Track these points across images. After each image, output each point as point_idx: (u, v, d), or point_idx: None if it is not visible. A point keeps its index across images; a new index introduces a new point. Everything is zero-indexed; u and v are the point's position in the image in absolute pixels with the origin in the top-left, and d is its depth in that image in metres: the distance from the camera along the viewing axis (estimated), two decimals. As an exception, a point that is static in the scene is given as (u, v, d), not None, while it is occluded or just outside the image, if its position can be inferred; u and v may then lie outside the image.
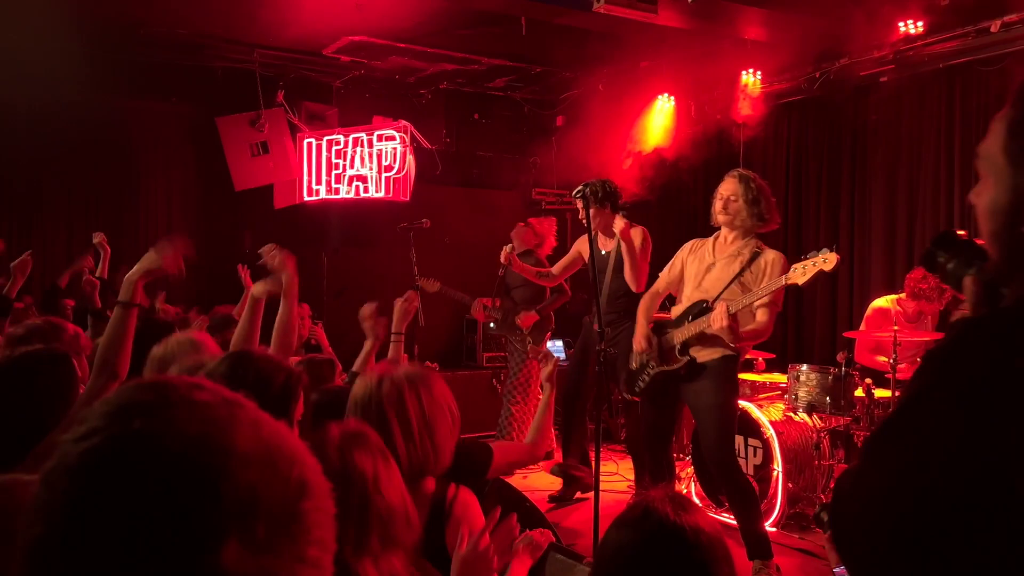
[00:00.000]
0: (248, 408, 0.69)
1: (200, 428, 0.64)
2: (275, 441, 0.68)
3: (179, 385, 0.67)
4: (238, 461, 0.63)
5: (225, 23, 6.32)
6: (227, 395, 0.69)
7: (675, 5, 5.13)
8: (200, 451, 0.63)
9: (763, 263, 3.90)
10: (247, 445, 0.64)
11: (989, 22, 5.35)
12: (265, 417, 0.69)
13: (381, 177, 7.16)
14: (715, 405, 3.90)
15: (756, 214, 3.94)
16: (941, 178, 6.05)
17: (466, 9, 5.83)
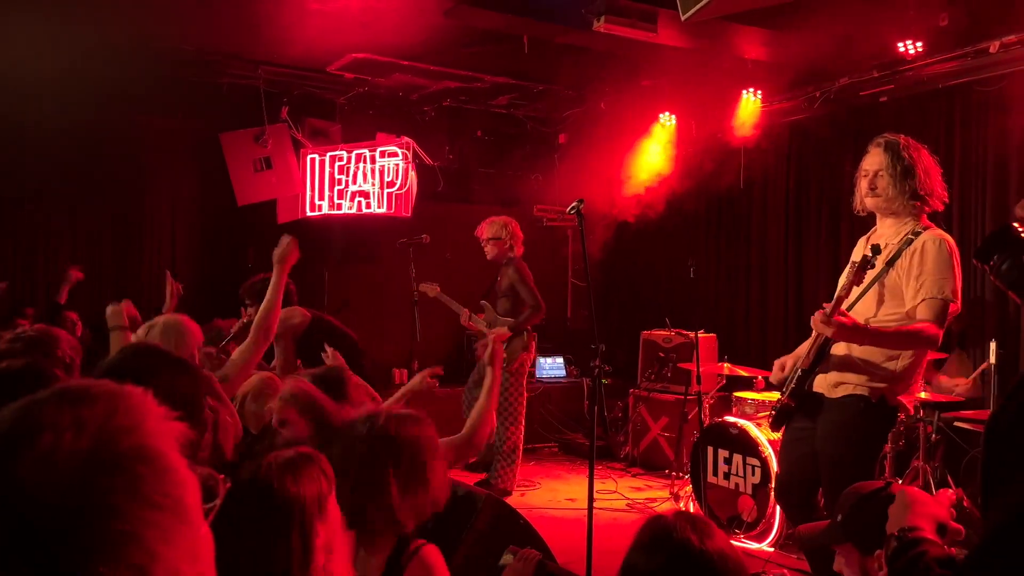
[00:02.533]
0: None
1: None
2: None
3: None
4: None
5: (230, 40, 6.38)
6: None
7: (675, 24, 5.16)
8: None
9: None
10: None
11: (988, 43, 5.38)
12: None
13: (383, 193, 7.20)
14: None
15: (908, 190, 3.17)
16: (941, 198, 6.06)
17: (469, 28, 5.88)
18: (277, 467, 1.55)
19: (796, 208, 7.09)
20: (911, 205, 3.20)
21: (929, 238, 3.14)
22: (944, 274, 3.06)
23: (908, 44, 5.56)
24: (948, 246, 3.11)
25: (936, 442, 4.88)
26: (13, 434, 0.67)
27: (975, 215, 5.88)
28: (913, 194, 3.20)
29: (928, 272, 3.07)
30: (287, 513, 1.50)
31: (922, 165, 3.20)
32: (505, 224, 5.90)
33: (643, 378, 7.09)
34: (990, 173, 5.78)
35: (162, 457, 0.71)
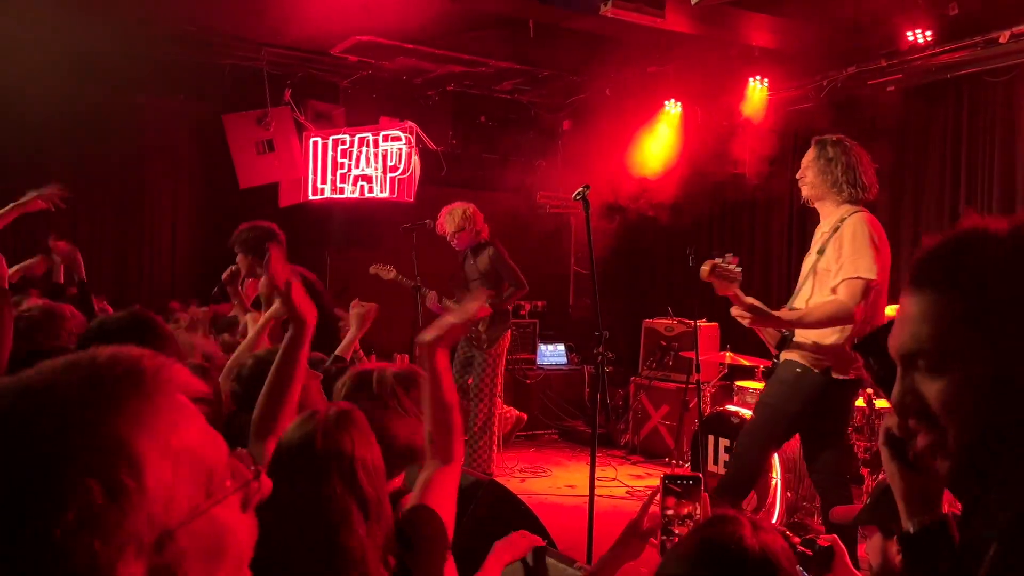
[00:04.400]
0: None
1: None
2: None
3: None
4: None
5: (234, 21, 6.33)
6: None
7: (682, 10, 5.13)
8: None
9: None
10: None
11: (998, 33, 5.33)
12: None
13: (386, 177, 7.17)
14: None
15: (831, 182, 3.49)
16: (947, 188, 6.03)
17: (474, 11, 5.84)
18: (323, 422, 1.58)
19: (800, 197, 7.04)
20: (836, 194, 3.50)
21: (850, 222, 3.42)
22: (859, 253, 3.33)
23: (917, 33, 5.51)
24: (867, 227, 3.37)
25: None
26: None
27: (981, 204, 5.84)
28: (835, 183, 3.49)
29: (846, 255, 3.36)
30: (333, 464, 1.54)
31: (847, 159, 3.49)
32: (464, 211, 5.74)
33: (644, 366, 7.09)
34: (998, 163, 5.74)
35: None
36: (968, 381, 0.94)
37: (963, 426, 0.95)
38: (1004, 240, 0.97)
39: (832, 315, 3.37)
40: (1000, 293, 0.94)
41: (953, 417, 0.95)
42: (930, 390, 0.97)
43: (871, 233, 3.37)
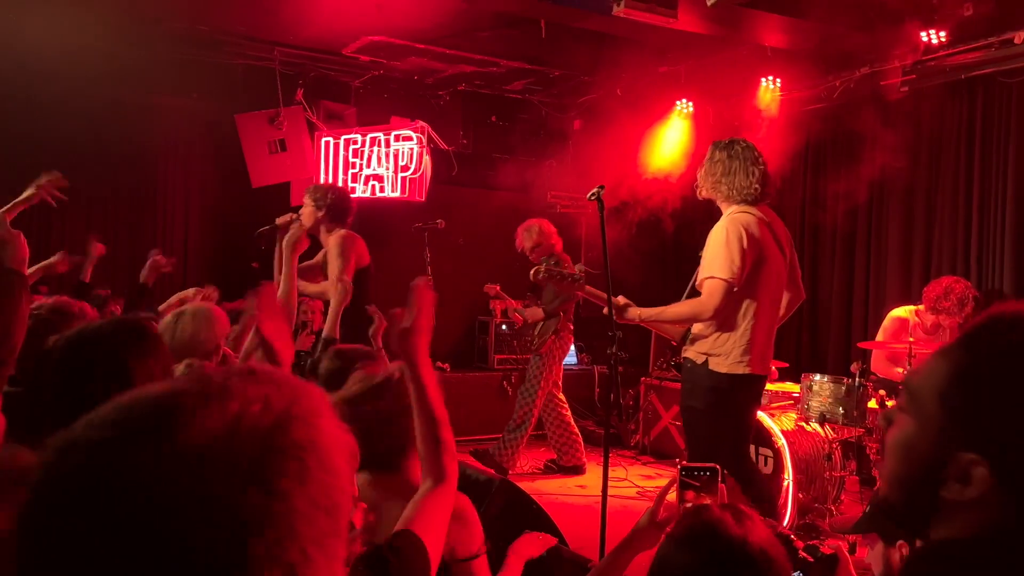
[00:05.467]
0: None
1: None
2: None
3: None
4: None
5: (246, 21, 6.36)
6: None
7: (695, 10, 5.11)
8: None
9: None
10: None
11: (1013, 33, 5.31)
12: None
13: (397, 177, 7.18)
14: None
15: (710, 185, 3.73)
16: (960, 189, 6.00)
17: (486, 11, 5.84)
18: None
19: (813, 198, 7.03)
20: (719, 194, 3.69)
21: (718, 224, 3.61)
22: (717, 254, 3.51)
23: (931, 33, 5.49)
24: (727, 228, 3.54)
25: None
26: (203, 392, 0.65)
27: (995, 206, 5.81)
28: (715, 184, 3.68)
29: (708, 256, 3.57)
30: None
31: (730, 162, 3.64)
32: (540, 228, 6.02)
33: (655, 366, 7.08)
34: (1012, 164, 5.71)
35: (332, 458, 0.69)
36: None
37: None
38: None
39: (688, 312, 3.66)
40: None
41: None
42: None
43: (732, 235, 3.50)
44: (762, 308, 3.62)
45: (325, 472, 0.68)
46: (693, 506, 1.75)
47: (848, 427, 4.85)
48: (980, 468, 0.91)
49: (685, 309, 3.69)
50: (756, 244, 3.55)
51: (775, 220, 3.80)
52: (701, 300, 3.58)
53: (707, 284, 3.56)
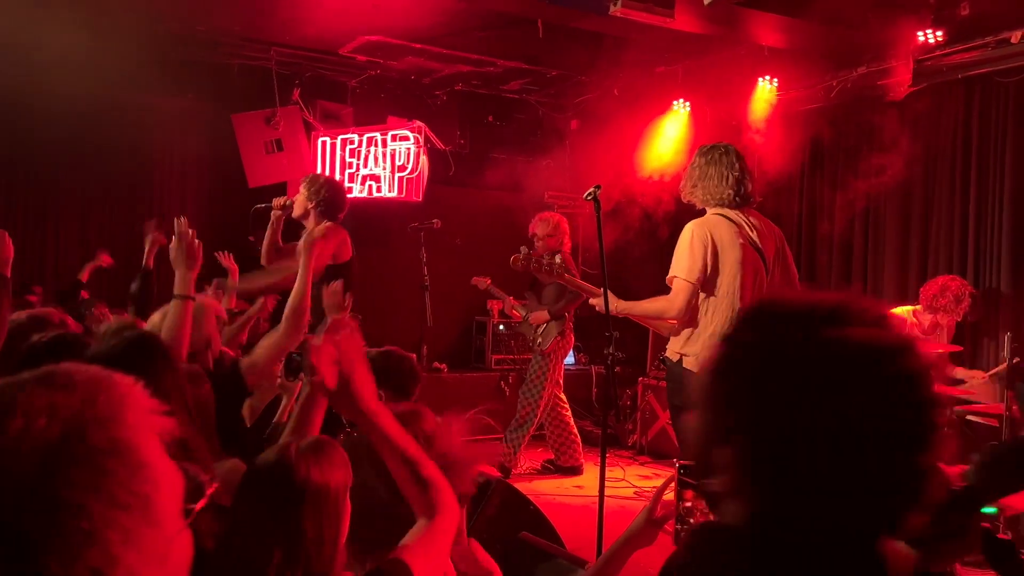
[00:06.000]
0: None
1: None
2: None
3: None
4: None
5: (242, 20, 6.34)
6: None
7: (692, 10, 5.10)
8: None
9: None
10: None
11: (1010, 33, 5.31)
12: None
13: (394, 177, 7.17)
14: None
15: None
16: (957, 188, 6.00)
17: (483, 11, 5.83)
18: (299, 452, 1.55)
19: (809, 197, 7.03)
20: (696, 198, 3.78)
21: (686, 227, 3.72)
22: (679, 256, 3.66)
23: (928, 33, 5.48)
24: (688, 232, 3.67)
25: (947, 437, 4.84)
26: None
27: (992, 204, 5.81)
28: (693, 189, 3.78)
29: (674, 257, 3.71)
30: (305, 497, 1.50)
31: (707, 168, 3.72)
32: (557, 223, 6.07)
33: (652, 366, 7.08)
34: (1008, 163, 5.71)
35: (136, 452, 0.69)
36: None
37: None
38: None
39: (657, 309, 3.79)
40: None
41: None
42: None
43: (695, 237, 3.63)
44: (731, 308, 3.65)
45: (131, 468, 0.67)
46: (702, 515, 1.74)
47: (845, 427, 4.84)
48: (731, 459, 0.91)
49: (655, 306, 3.82)
50: (719, 246, 3.64)
51: (761, 223, 3.82)
52: (669, 298, 3.70)
53: (673, 283, 3.70)
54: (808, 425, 0.87)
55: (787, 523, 0.89)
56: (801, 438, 0.87)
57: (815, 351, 0.89)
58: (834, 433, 0.86)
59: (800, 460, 0.87)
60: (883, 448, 0.87)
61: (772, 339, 0.92)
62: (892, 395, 0.88)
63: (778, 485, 0.89)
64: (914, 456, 0.88)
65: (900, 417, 0.88)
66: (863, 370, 0.88)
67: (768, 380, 0.90)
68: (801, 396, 0.87)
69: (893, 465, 0.87)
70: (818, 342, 0.89)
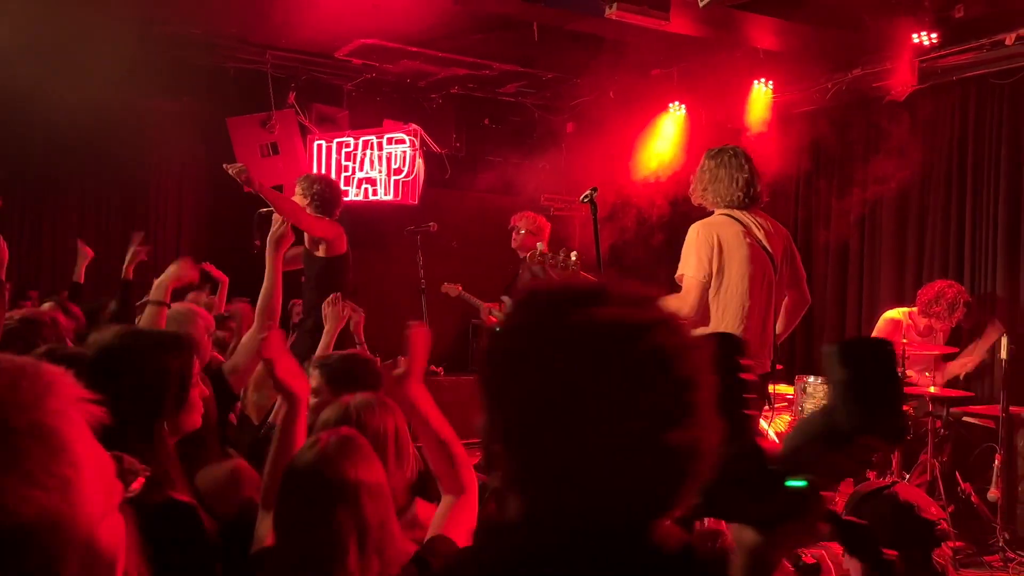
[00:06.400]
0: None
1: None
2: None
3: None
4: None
5: (238, 24, 6.34)
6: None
7: (687, 13, 5.11)
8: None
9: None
10: None
11: (1004, 35, 5.32)
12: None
13: (390, 180, 7.17)
14: None
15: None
16: (953, 191, 6.01)
17: (478, 14, 5.83)
18: (332, 449, 1.61)
19: (806, 199, 7.04)
20: (707, 200, 3.81)
21: (691, 227, 3.75)
22: (687, 255, 3.70)
23: (923, 35, 5.50)
24: (694, 231, 3.71)
25: (944, 436, 4.86)
26: None
27: (987, 207, 5.83)
28: (703, 191, 3.81)
29: (682, 256, 3.74)
30: (342, 493, 1.57)
31: (717, 170, 3.75)
32: (539, 223, 6.03)
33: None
34: (1004, 166, 5.73)
35: (57, 436, 0.72)
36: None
37: None
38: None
39: (669, 307, 3.65)
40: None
41: None
42: None
43: (701, 236, 3.67)
44: (740, 308, 3.68)
45: (50, 450, 0.71)
46: (707, 529, 1.74)
47: (842, 429, 4.84)
48: (501, 451, 0.91)
49: (668, 304, 3.77)
50: (724, 246, 3.66)
51: (770, 224, 3.82)
52: (680, 296, 3.71)
53: (683, 281, 3.72)
54: (563, 408, 0.85)
55: (553, 511, 0.88)
56: (557, 423, 0.86)
57: (566, 333, 0.87)
58: (589, 415, 0.85)
59: (558, 445, 0.86)
60: (637, 427, 0.85)
61: (528, 326, 0.91)
62: (644, 372, 0.86)
63: (539, 473, 0.88)
64: (670, 434, 0.85)
65: (654, 394, 0.86)
66: (613, 349, 0.86)
67: (523, 366, 0.88)
68: (553, 379, 0.86)
69: (650, 445, 0.85)
70: (569, 324, 0.87)
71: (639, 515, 0.88)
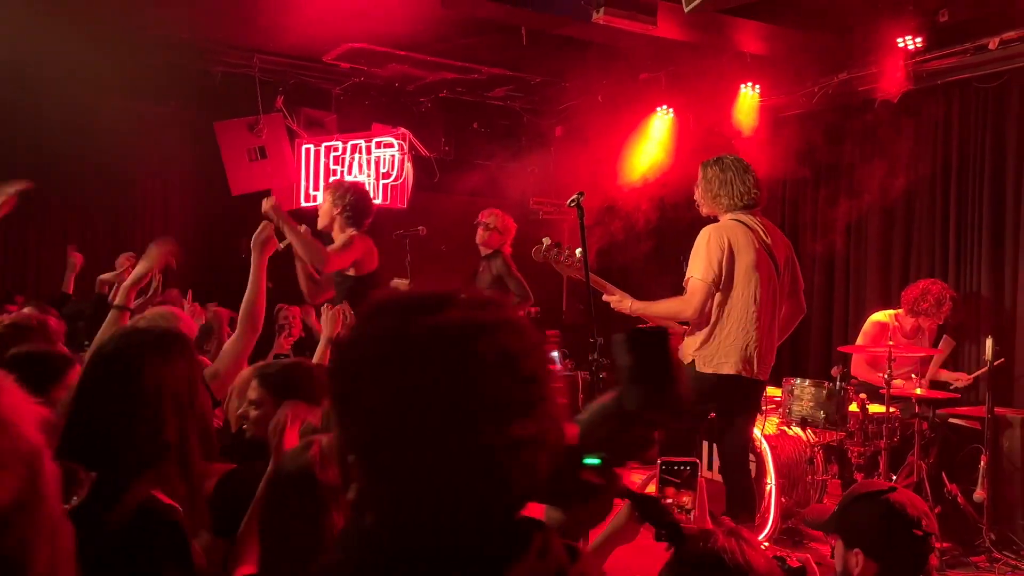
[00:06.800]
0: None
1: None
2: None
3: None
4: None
5: (226, 28, 6.32)
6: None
7: (674, 17, 5.13)
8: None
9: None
10: None
11: (988, 39, 5.37)
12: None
13: (379, 184, 7.16)
14: None
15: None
16: (937, 193, 6.06)
17: (467, 18, 5.83)
18: (326, 452, 1.61)
19: (793, 201, 7.07)
20: (718, 206, 3.90)
21: (702, 231, 3.84)
22: (696, 258, 3.77)
23: (908, 39, 5.54)
24: (706, 235, 3.79)
25: (931, 438, 4.89)
26: None
27: (972, 210, 5.87)
28: (715, 197, 3.89)
29: (691, 259, 3.81)
30: (335, 496, 1.56)
31: (724, 175, 3.87)
32: (501, 219, 5.94)
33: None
34: (987, 168, 5.77)
35: (14, 427, 0.76)
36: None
37: None
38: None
39: (674, 308, 3.88)
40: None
41: None
42: None
43: (712, 239, 3.75)
44: (745, 311, 3.74)
45: (10, 443, 0.75)
46: (681, 512, 1.75)
47: (829, 431, 4.87)
48: (352, 463, 0.93)
49: (671, 306, 3.89)
50: (735, 250, 3.72)
51: (772, 230, 3.93)
52: (685, 298, 3.77)
53: (690, 284, 3.76)
54: (412, 414, 0.87)
55: (411, 514, 0.89)
56: (407, 430, 0.87)
57: (410, 340, 0.89)
58: (438, 419, 0.86)
59: (410, 451, 0.87)
60: (486, 426, 0.87)
61: (372, 336, 0.92)
62: (489, 372, 0.88)
63: (394, 479, 0.89)
64: (518, 429, 0.88)
65: (500, 392, 0.88)
66: (457, 352, 0.88)
67: (370, 377, 0.89)
68: (401, 386, 0.88)
69: (501, 441, 0.87)
70: (413, 331, 0.89)
71: (493, 509, 0.90)
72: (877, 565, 1.89)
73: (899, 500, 1.96)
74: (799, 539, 4.74)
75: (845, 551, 1.95)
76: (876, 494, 2.01)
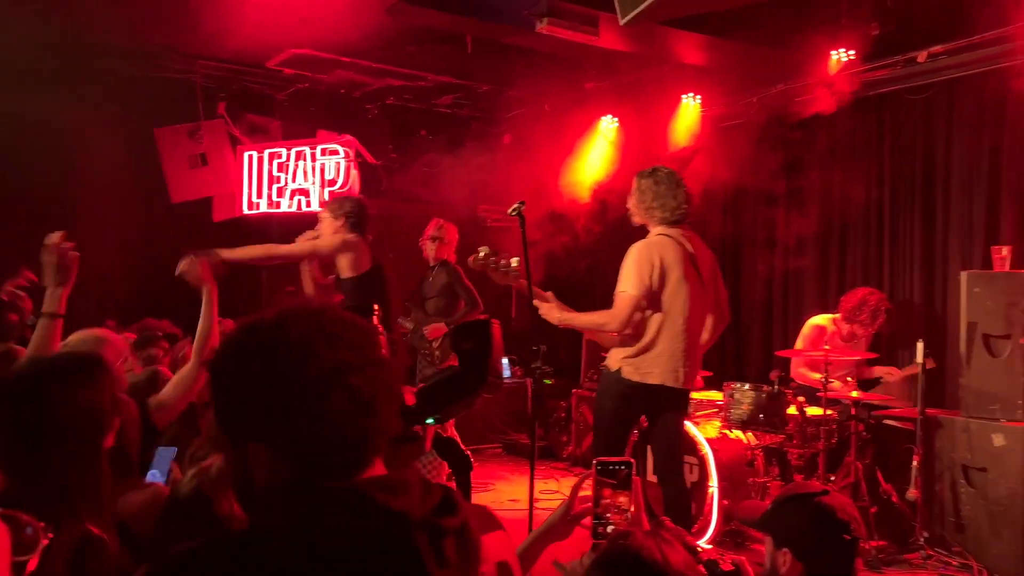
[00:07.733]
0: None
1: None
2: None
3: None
4: None
5: (166, 33, 6.21)
6: None
7: (616, 28, 5.20)
8: None
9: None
10: None
11: (916, 52, 5.57)
12: None
13: (324, 191, 7.09)
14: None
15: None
16: (872, 200, 6.24)
17: (412, 26, 5.83)
18: (210, 481, 1.60)
19: (732, 210, 7.21)
20: (650, 219, 3.97)
21: (632, 245, 3.89)
22: (625, 272, 3.82)
23: (841, 52, 5.71)
24: (639, 248, 3.85)
25: (867, 440, 5.03)
26: None
27: (905, 218, 6.07)
28: (647, 211, 3.97)
29: (621, 272, 3.85)
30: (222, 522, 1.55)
31: (657, 188, 3.93)
32: (446, 227, 5.97)
33: (586, 378, 7.14)
34: (919, 178, 5.97)
35: None
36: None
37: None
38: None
39: (599, 321, 3.94)
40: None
41: None
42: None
43: (642, 254, 3.81)
44: (674, 325, 3.84)
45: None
46: (618, 512, 1.77)
47: (769, 434, 4.97)
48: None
49: (596, 319, 3.96)
50: (665, 266, 3.81)
51: (697, 243, 4.00)
52: (611, 312, 3.83)
53: (618, 297, 3.82)
54: (259, 400, 1.08)
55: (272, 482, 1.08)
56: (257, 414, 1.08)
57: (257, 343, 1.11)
58: (281, 403, 1.06)
59: (261, 425, 1.07)
60: (337, 403, 1.07)
61: (235, 342, 1.13)
62: (290, 367, 1.07)
63: (251, 452, 1.08)
64: (353, 382, 1.10)
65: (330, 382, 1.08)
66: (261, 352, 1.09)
67: (228, 373, 1.11)
68: (245, 379, 1.09)
69: (342, 391, 1.08)
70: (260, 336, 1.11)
71: (347, 471, 1.10)
72: (803, 565, 1.93)
73: (829, 504, 1.99)
74: (741, 541, 4.83)
75: (774, 550, 2.00)
76: (807, 496, 2.04)
